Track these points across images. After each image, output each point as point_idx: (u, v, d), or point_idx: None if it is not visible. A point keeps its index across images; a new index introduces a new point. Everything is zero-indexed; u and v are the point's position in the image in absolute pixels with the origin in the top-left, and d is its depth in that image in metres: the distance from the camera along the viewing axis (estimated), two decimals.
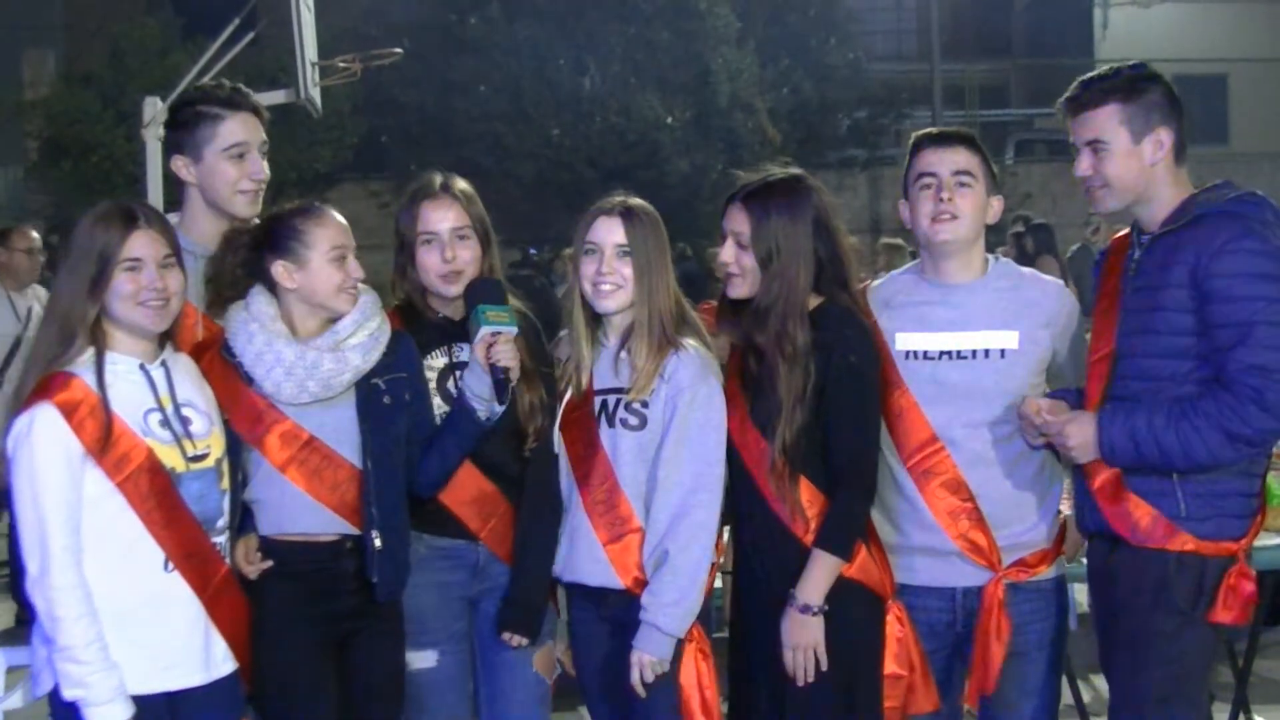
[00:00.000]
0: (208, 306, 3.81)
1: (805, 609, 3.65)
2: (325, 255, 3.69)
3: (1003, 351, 3.80)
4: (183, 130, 4.03)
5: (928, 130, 3.99)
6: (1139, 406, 3.54)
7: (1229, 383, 3.44)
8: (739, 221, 3.78)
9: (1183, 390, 3.53)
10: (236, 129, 4.00)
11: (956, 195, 3.80)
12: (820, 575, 3.66)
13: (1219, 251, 3.46)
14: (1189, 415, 3.47)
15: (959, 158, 3.83)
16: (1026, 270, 4.02)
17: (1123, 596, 3.64)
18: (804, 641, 3.66)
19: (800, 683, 3.66)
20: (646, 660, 3.67)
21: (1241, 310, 3.44)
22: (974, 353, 3.80)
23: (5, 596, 7.92)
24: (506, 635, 3.88)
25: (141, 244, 3.40)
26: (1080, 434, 3.60)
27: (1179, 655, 3.59)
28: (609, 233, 3.79)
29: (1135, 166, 3.63)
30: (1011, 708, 3.83)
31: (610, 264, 3.77)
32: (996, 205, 3.89)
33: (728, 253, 3.79)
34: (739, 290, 3.80)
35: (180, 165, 4.02)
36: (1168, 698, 3.60)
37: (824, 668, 3.66)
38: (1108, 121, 3.63)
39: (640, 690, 3.66)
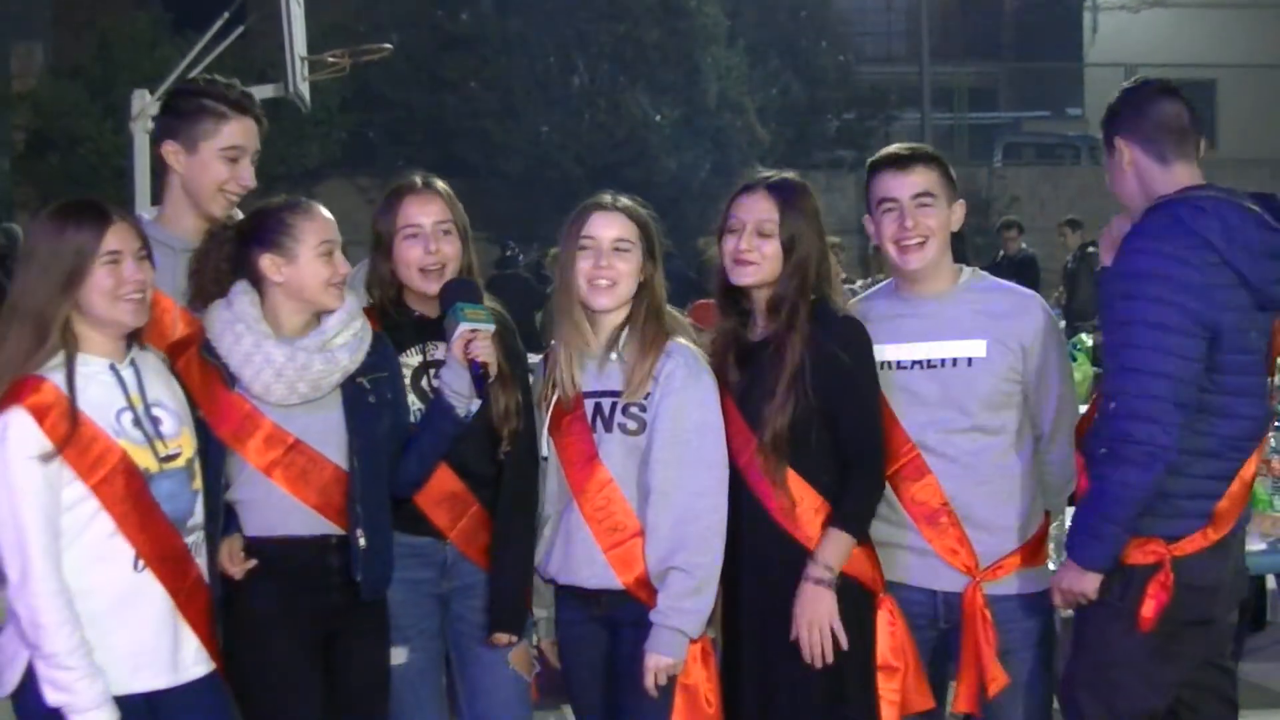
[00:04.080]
0: (189, 301, 3.79)
1: (820, 581, 3.66)
2: (314, 250, 3.67)
3: (970, 360, 3.83)
4: (182, 118, 3.99)
5: (885, 152, 3.99)
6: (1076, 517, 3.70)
7: (1107, 397, 3.61)
8: (764, 209, 3.77)
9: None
10: (239, 132, 3.98)
11: (920, 218, 3.83)
12: (833, 550, 3.67)
13: (1123, 247, 3.61)
14: (1094, 468, 3.62)
15: (918, 179, 3.86)
16: (1000, 281, 4.05)
17: None
18: (819, 615, 3.65)
19: (819, 664, 3.65)
20: (663, 663, 3.66)
21: (1120, 310, 3.58)
22: (943, 361, 3.84)
23: None
24: (497, 636, 3.87)
25: (120, 237, 3.36)
26: (1063, 575, 3.71)
27: (1105, 645, 3.67)
28: (606, 228, 3.79)
29: (1115, 178, 3.82)
30: (1002, 707, 3.83)
31: (608, 259, 3.77)
32: (959, 211, 3.94)
33: (747, 240, 3.77)
34: (748, 277, 3.78)
35: (171, 151, 3.98)
36: (1089, 683, 3.71)
37: (844, 645, 3.65)
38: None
39: (654, 693, 3.66)
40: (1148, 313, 3.52)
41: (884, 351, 3.84)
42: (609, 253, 3.77)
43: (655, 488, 3.70)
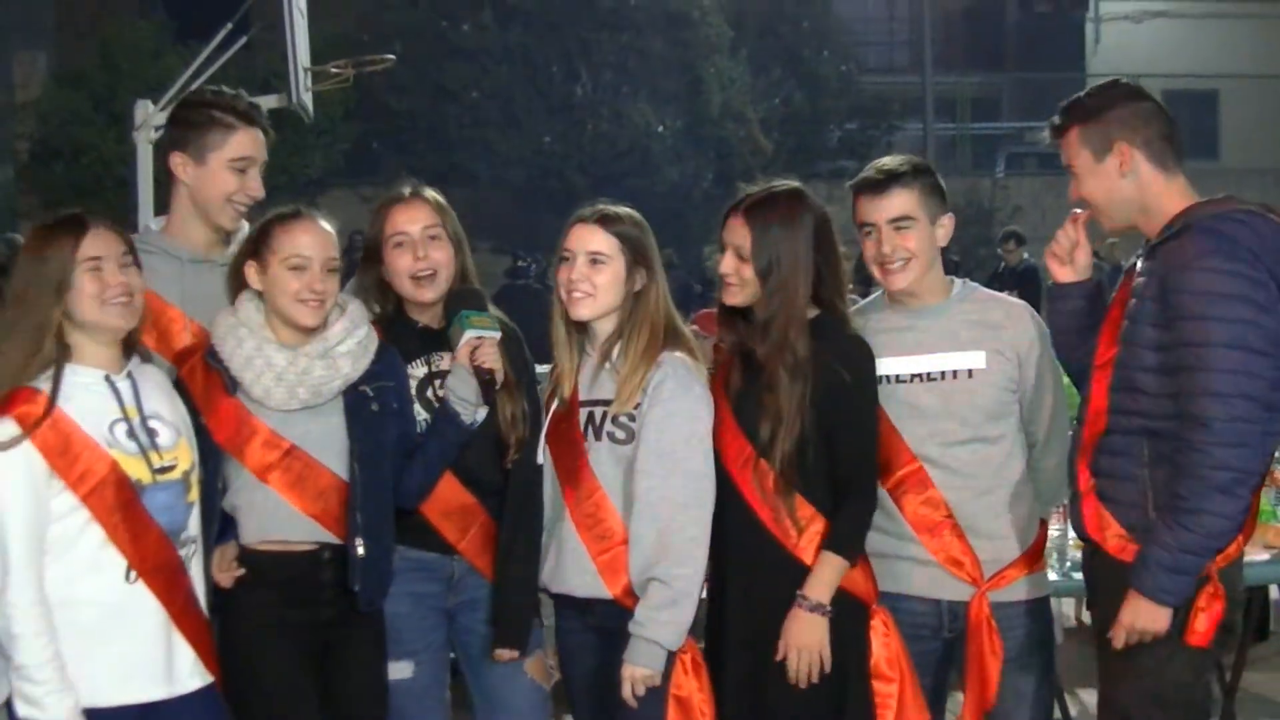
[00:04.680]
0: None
1: (816, 608, 3.66)
2: (283, 262, 3.65)
3: (970, 371, 3.84)
4: (190, 129, 4.00)
5: (862, 175, 3.97)
6: (1145, 542, 3.49)
7: (1189, 424, 3.41)
8: (739, 234, 3.77)
9: (1160, 410, 3.50)
10: (247, 143, 3.99)
11: (899, 241, 3.83)
12: (829, 576, 3.67)
13: (1185, 266, 3.44)
14: (1181, 500, 3.42)
15: (895, 203, 3.85)
16: (991, 292, 4.05)
17: (1102, 604, 3.65)
18: (810, 642, 3.66)
19: (803, 685, 3.66)
20: (639, 674, 3.65)
21: (1200, 329, 3.39)
22: (943, 374, 3.85)
23: None
24: (499, 651, 3.87)
25: (98, 244, 3.36)
26: (1136, 614, 3.51)
27: (1155, 670, 3.55)
28: (582, 240, 3.80)
29: (1104, 184, 3.64)
30: (1007, 715, 3.83)
31: (582, 271, 3.78)
32: (947, 224, 3.92)
33: (728, 264, 3.79)
34: (735, 298, 3.80)
35: (179, 163, 3.99)
36: (1143, 710, 3.59)
37: (827, 670, 3.66)
38: (1071, 146, 3.67)
39: (632, 703, 3.66)
40: (1229, 335, 3.37)
41: (882, 365, 3.83)
42: (584, 264, 3.79)
43: (640, 497, 3.70)
